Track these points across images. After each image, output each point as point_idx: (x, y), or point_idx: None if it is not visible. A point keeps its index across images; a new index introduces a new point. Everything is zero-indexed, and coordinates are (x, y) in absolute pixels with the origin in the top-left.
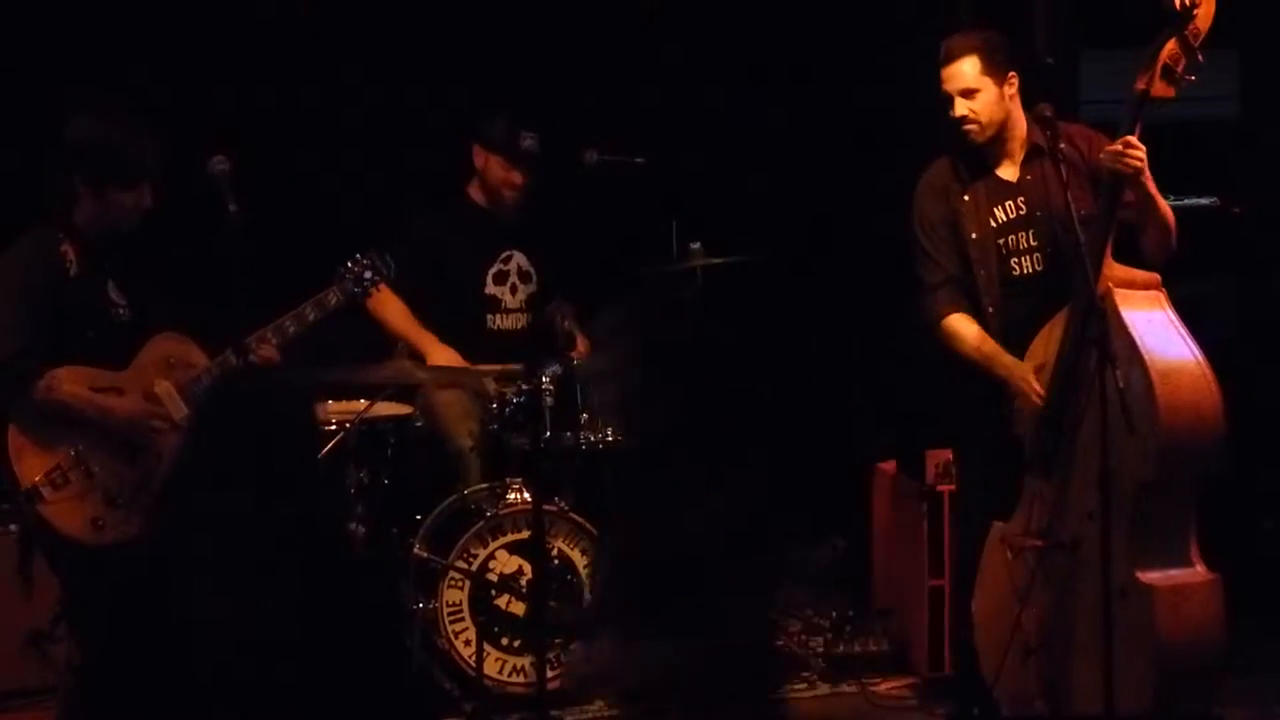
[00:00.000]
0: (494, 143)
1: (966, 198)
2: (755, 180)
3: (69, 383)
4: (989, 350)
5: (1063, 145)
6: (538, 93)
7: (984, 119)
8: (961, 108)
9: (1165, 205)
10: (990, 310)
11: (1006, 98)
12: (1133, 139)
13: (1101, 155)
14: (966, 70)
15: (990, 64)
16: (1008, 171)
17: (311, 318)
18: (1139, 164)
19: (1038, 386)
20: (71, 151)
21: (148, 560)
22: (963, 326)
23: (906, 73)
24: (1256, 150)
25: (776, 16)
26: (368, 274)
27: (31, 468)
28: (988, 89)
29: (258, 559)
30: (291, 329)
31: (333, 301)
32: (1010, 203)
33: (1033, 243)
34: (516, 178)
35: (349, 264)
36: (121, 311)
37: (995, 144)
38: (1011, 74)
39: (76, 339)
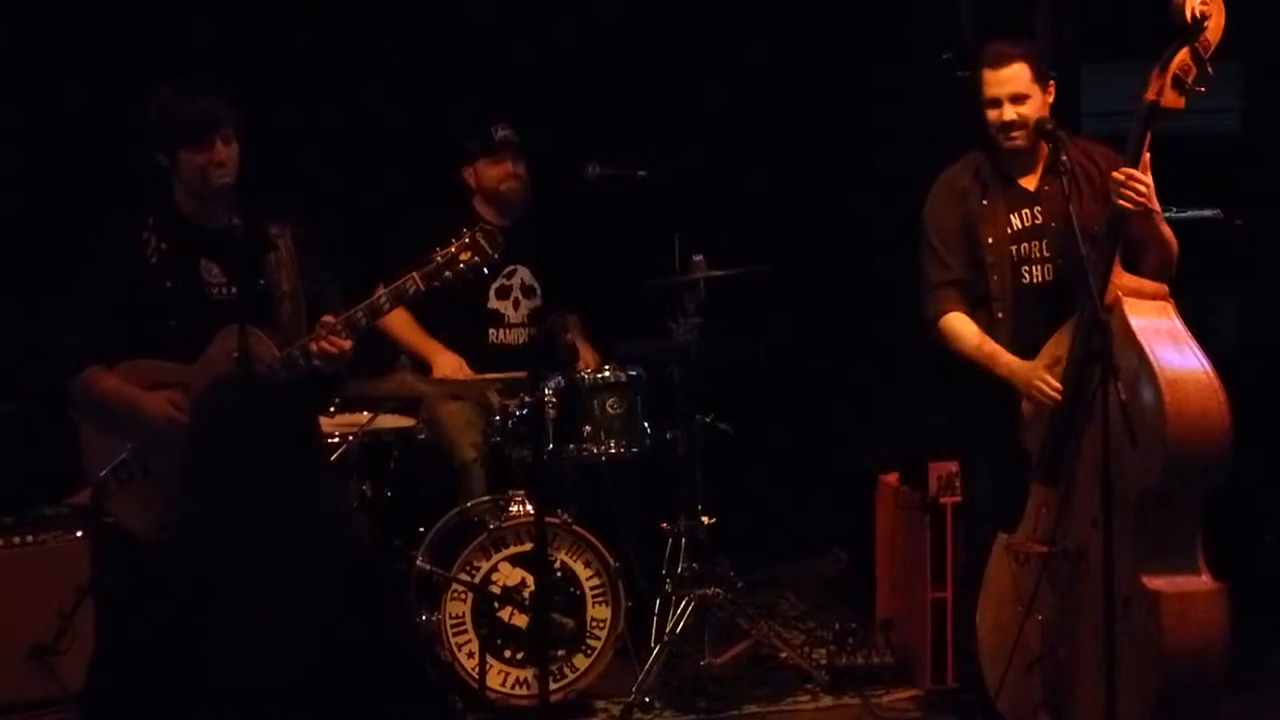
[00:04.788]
0: (473, 151)
1: (985, 201)
2: (758, 192)
3: (110, 379)
4: (990, 350)
5: (1074, 159)
6: (539, 107)
7: (1031, 125)
8: (1011, 112)
9: (1170, 234)
10: (999, 316)
11: (1047, 107)
12: (1136, 172)
13: (1110, 185)
14: (1021, 75)
15: (1037, 72)
16: (1029, 180)
17: (387, 308)
18: (1143, 200)
19: (1053, 380)
20: (144, 130)
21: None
22: (962, 325)
23: (908, 85)
24: (1259, 163)
25: (778, 27)
26: (463, 257)
27: (98, 462)
28: (1036, 96)
29: (266, 562)
30: (364, 320)
31: (411, 290)
32: (1027, 210)
33: (1045, 253)
34: (506, 167)
35: (439, 248)
36: (218, 291)
37: (1025, 152)
38: (1051, 83)
39: (158, 329)
